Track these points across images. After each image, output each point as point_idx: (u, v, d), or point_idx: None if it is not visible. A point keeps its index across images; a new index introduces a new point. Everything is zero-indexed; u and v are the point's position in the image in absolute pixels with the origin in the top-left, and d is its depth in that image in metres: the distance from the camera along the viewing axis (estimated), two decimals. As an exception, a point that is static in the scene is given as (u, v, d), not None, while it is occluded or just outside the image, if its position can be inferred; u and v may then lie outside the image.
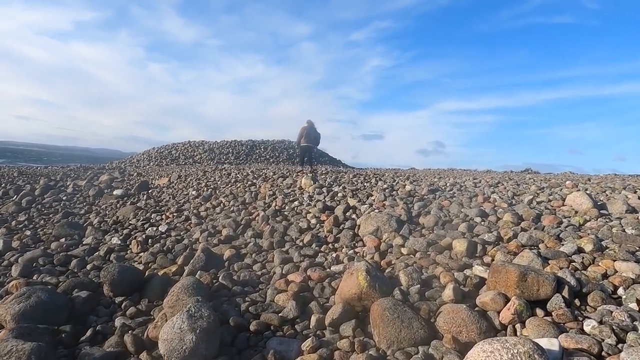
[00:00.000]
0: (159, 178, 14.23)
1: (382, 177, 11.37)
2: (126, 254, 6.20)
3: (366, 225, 5.74)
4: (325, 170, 12.99)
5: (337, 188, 8.49)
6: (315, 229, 6.27)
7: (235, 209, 7.95)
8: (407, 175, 12.90)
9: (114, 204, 10.35)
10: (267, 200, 8.24)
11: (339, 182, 9.51)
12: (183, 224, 7.58)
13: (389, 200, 7.17)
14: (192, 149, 25.24)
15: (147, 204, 9.58)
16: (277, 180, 10.55)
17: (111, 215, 9.01)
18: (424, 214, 6.12)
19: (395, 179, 10.84)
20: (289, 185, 9.63)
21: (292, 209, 7.45)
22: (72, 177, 15.98)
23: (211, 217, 7.89)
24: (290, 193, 8.74)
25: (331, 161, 29.11)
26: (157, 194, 11.14)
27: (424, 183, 9.29)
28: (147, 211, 8.81)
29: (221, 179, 12.19)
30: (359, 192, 8.18)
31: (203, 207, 8.51)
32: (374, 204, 7.17)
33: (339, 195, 7.93)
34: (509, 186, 9.01)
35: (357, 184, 9.17)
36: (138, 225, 7.82)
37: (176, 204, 9.29)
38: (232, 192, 9.53)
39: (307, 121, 13.17)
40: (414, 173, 15.29)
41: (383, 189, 8.24)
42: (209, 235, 6.54)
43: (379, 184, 8.93)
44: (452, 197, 7.61)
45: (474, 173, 18.84)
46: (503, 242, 4.78)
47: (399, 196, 7.49)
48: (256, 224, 6.89)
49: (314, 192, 8.38)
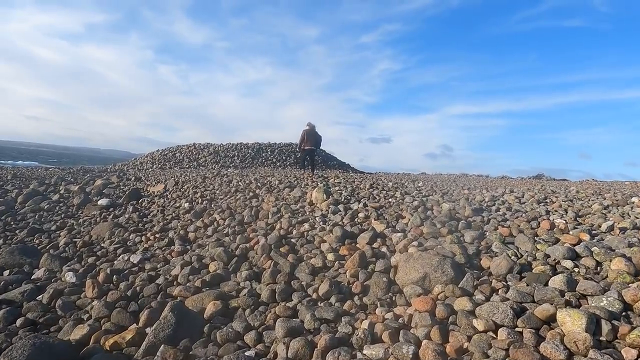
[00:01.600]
0: (154, 184, 12.48)
1: (404, 187, 9.51)
2: (78, 299, 4.40)
3: (407, 269, 3.89)
4: (337, 178, 11.16)
5: (357, 205, 6.65)
6: (333, 268, 4.42)
7: (230, 231, 6.13)
8: (429, 184, 11.03)
9: (95, 217, 8.59)
10: (270, 220, 6.41)
11: (357, 196, 7.66)
12: (163, 251, 5.77)
13: (427, 225, 5.31)
14: (197, 151, 23.50)
15: (130, 219, 7.80)
16: (283, 192, 8.72)
17: (85, 232, 7.25)
18: (487, 253, 4.25)
19: (421, 190, 8.98)
20: (297, 198, 7.80)
21: (302, 234, 5.61)
22: (67, 181, 14.29)
23: (200, 241, 6.08)
24: (298, 210, 6.91)
25: (339, 165, 27.24)
26: (147, 205, 9.37)
27: (461, 199, 7.42)
28: (126, 229, 7.03)
29: (220, 187, 10.40)
30: (384, 211, 6.33)
31: (192, 226, 6.70)
32: (409, 230, 5.32)
33: (360, 215, 6.08)
34: (562, 202, 7.13)
35: (379, 199, 7.32)
36: (110, 251, 6.04)
37: (163, 220, 7.49)
38: (229, 206, 7.72)
39: (308, 124, 12.09)
40: (432, 181, 13.40)
41: (414, 207, 6.38)
42: (191, 271, 4.72)
43: (406, 200, 7.07)
44: (504, 221, 5.75)
45: (499, 182, 16.83)
46: (634, 314, 2.92)
47: (437, 219, 5.62)
48: (255, 255, 5.07)
49: (328, 210, 6.55)
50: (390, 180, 13.20)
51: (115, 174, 16.47)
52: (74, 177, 16.55)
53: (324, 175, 12.62)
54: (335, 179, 11.03)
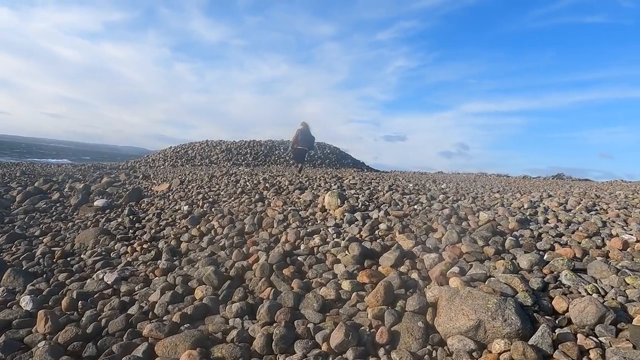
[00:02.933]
0: (159, 183, 11.56)
1: (427, 190, 8.32)
2: (28, 334, 3.39)
3: (451, 313, 2.75)
4: (352, 179, 10.02)
5: (377, 213, 5.50)
6: (349, 302, 3.30)
7: (227, 243, 5.07)
8: (453, 186, 9.80)
9: (88, 220, 7.68)
10: (274, 230, 5.33)
11: (376, 201, 6.51)
12: (147, 266, 4.75)
13: (466, 242, 4.14)
14: (209, 148, 22.62)
15: (122, 224, 6.83)
16: (293, 194, 7.64)
17: (70, 240, 6.30)
18: (558, 288, 3.07)
19: (447, 193, 7.78)
20: (308, 203, 6.70)
21: (311, 250, 4.50)
22: (74, 178, 13.51)
23: (192, 254, 5.04)
24: (308, 218, 5.81)
25: (354, 163, 26.05)
26: (145, 207, 8.42)
27: (497, 206, 6.22)
28: (113, 237, 6.05)
29: (226, 187, 9.39)
30: (410, 221, 5.18)
31: (186, 235, 5.67)
32: (443, 248, 4.18)
33: (381, 227, 4.94)
34: (617, 210, 5.88)
35: (401, 205, 6.17)
36: (87, 264, 5.05)
37: (156, 226, 6.49)
38: (230, 210, 6.68)
39: (302, 123, 11.81)
40: (454, 182, 12.15)
41: (446, 217, 5.21)
42: (172, 298, 3.67)
43: (434, 207, 5.89)
44: (559, 236, 4.55)
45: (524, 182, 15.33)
46: None
47: (477, 233, 4.45)
48: (252, 278, 3.98)
49: (342, 219, 5.43)
50: (410, 180, 12.00)
51: (125, 172, 15.67)
52: (83, 174, 15.80)
53: (338, 175, 11.50)
54: (351, 179, 9.89)
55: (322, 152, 24.61)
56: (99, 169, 18.88)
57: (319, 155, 23.84)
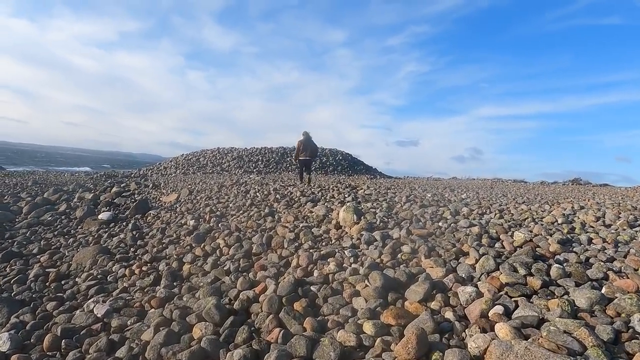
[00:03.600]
0: (168, 194, 11.14)
1: (447, 200, 7.69)
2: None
3: (506, 375, 2.16)
4: (367, 189, 9.44)
5: (398, 232, 4.91)
6: (373, 351, 2.71)
7: (232, 267, 4.52)
8: (473, 195, 9.13)
9: (91, 235, 7.25)
10: (284, 252, 4.77)
11: (395, 217, 5.91)
12: (145, 294, 4.23)
13: (505, 271, 3.52)
14: (221, 156, 22.27)
15: (123, 240, 6.37)
16: (305, 207, 7.10)
17: (68, 259, 5.85)
18: (633, 339, 2.45)
19: (469, 204, 7.14)
20: (321, 218, 6.14)
21: (326, 278, 3.93)
22: (84, 187, 13.22)
23: (194, 278, 4.51)
24: (322, 237, 5.24)
25: (366, 169, 25.44)
26: (151, 221, 7.97)
27: (529, 222, 5.58)
28: (112, 256, 5.58)
29: (235, 199, 8.90)
30: (435, 242, 4.57)
31: (190, 256, 5.16)
32: (478, 277, 3.57)
33: (404, 250, 4.34)
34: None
35: (424, 222, 5.56)
36: (81, 290, 4.57)
37: (159, 243, 6.00)
38: (238, 226, 6.16)
39: (304, 133, 11.37)
40: (472, 189, 11.45)
41: (476, 237, 4.58)
42: (166, 339, 3.13)
43: (461, 224, 5.27)
44: (610, 261, 3.90)
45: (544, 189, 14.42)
46: None
47: (516, 259, 3.82)
48: (259, 313, 3.43)
49: (360, 239, 4.84)
50: (426, 189, 11.35)
51: (135, 180, 15.34)
52: (94, 183, 15.53)
53: (352, 184, 10.92)
54: (365, 189, 9.30)
55: (334, 158, 24.06)
56: (111, 177, 18.63)
57: (330, 162, 23.30)
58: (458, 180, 23.96)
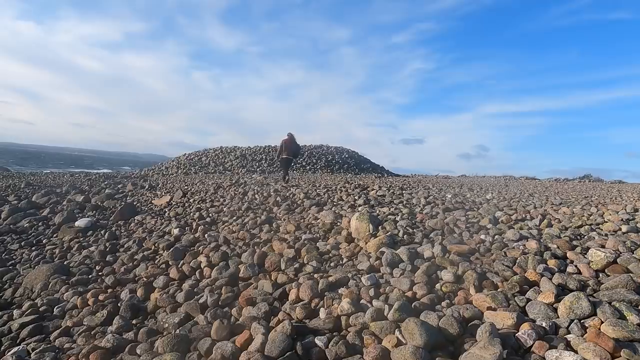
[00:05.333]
0: (161, 196, 9.94)
1: (471, 202, 6.38)
2: None
3: None
4: (379, 189, 8.14)
5: (429, 249, 3.61)
6: None
7: (210, 301, 3.25)
8: (495, 194, 7.79)
9: (62, 245, 6.07)
10: (280, 277, 3.50)
11: (421, 226, 4.61)
12: (85, 343, 3.00)
13: (609, 318, 2.24)
14: (224, 155, 21.06)
15: (90, 256, 5.15)
16: (309, 212, 5.84)
17: (20, 279, 4.65)
18: None
19: (500, 207, 5.83)
20: (329, 227, 4.86)
21: (337, 321, 2.63)
22: (77, 189, 12.07)
23: (160, 313, 3.27)
24: (330, 253, 3.96)
25: (373, 168, 24.08)
26: (132, 229, 6.75)
27: (587, 230, 4.27)
28: (70, 278, 4.36)
29: (231, 202, 7.66)
30: (484, 265, 3.28)
31: (161, 279, 3.90)
32: (574, 333, 2.28)
33: (444, 277, 3.05)
34: None
35: (459, 232, 4.26)
36: (11, 330, 3.36)
37: (129, 260, 4.75)
38: (227, 238, 4.91)
39: (288, 134, 11.52)
40: (492, 188, 10.11)
41: (539, 257, 3.29)
42: None
43: (508, 235, 3.96)
44: None
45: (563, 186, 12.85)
46: None
47: (614, 295, 2.54)
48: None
49: (379, 258, 3.56)
50: (442, 188, 10.03)
51: (133, 181, 14.18)
52: (90, 184, 14.41)
53: (361, 184, 9.63)
54: (377, 190, 8.01)
55: (340, 156, 22.74)
56: (109, 179, 17.50)
57: (336, 160, 21.99)
58: (468, 178, 22.53)
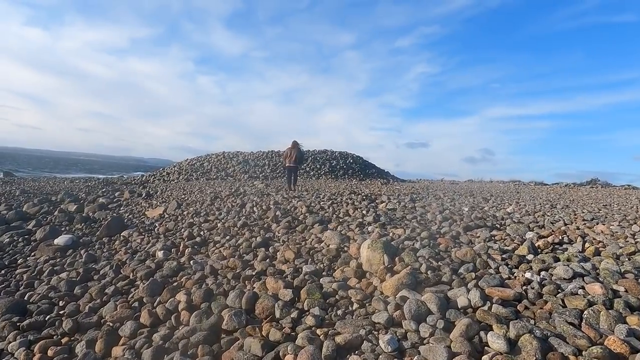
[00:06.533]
0: (154, 207, 9.18)
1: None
2: None
3: None
4: (388, 201, 7.31)
5: (464, 294, 2.79)
6: None
7: (182, 365, 2.48)
8: (513, 205, 6.93)
9: (38, 265, 5.32)
10: (273, 333, 2.66)
11: (447, 257, 3.78)
12: None
13: None
14: (226, 160, 20.32)
15: (56, 287, 4.36)
16: (311, 231, 5.03)
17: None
18: None
19: (526, 223, 4.99)
20: (334, 255, 4.04)
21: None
22: (72, 197, 11.33)
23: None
24: (336, 294, 3.13)
25: (378, 173, 23.22)
26: (115, 248, 5.97)
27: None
28: (22, 320, 3.57)
29: (227, 215, 6.88)
30: (538, 321, 2.46)
31: (129, 326, 3.10)
32: None
33: (492, 344, 2.25)
34: None
35: (494, 265, 3.44)
36: None
37: (98, 295, 3.95)
38: (214, 267, 4.10)
39: (292, 142, 11.62)
40: (508, 198, 9.23)
41: (609, 308, 2.46)
42: None
43: (559, 272, 3.13)
44: None
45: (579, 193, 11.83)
46: None
47: None
48: None
49: (400, 307, 2.76)
50: (454, 198, 9.18)
51: (130, 189, 13.45)
52: (87, 191, 13.72)
53: (368, 194, 8.80)
54: (387, 202, 7.18)
55: (345, 162, 21.92)
56: (108, 185, 16.80)
57: (341, 166, 21.18)
58: (475, 183, 21.61)
